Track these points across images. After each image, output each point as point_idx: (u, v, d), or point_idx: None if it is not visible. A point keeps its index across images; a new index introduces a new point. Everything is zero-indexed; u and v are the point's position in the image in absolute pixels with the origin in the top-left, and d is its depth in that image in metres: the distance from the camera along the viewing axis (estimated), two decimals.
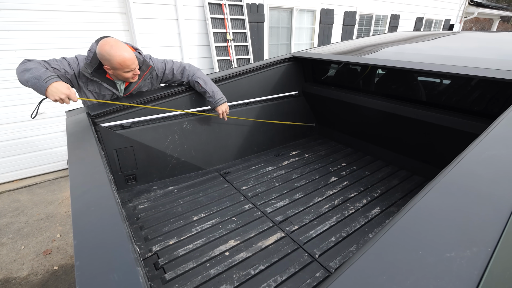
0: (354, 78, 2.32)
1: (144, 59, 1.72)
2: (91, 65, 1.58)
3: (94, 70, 1.59)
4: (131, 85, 1.79)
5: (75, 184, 0.86)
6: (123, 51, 1.52)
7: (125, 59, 1.51)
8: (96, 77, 1.61)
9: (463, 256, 0.48)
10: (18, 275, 2.16)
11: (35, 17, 2.96)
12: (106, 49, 1.49)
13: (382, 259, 0.50)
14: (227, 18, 4.07)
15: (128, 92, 1.80)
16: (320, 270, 1.23)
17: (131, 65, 1.55)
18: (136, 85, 1.79)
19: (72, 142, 1.18)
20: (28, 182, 3.40)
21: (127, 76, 1.60)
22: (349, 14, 5.86)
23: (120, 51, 1.50)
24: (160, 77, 1.87)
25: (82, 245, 0.63)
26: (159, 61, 1.83)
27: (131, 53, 1.56)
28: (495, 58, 1.58)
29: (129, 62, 1.54)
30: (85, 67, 1.57)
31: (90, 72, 1.58)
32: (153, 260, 1.29)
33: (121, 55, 1.50)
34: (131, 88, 1.79)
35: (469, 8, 8.98)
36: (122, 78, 1.63)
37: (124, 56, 1.51)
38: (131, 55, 1.55)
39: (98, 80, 1.63)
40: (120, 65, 1.52)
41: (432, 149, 1.92)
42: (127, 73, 1.59)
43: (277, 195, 1.79)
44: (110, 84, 1.69)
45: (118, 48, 1.50)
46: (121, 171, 1.80)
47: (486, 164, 0.70)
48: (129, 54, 1.54)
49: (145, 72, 1.76)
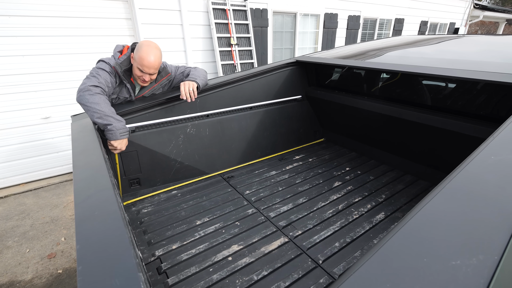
0: (358, 82, 2.32)
1: (164, 66, 1.82)
2: (121, 66, 1.64)
3: (123, 71, 1.66)
4: (145, 88, 1.83)
5: (79, 189, 0.86)
6: (152, 51, 1.59)
7: (147, 57, 1.57)
8: (124, 77, 1.68)
9: (469, 264, 0.47)
10: (23, 278, 2.17)
11: (42, 23, 3.02)
12: (144, 42, 1.61)
13: (386, 266, 0.49)
14: (231, 23, 4.10)
15: (141, 94, 1.85)
16: (324, 276, 1.21)
17: (146, 66, 1.59)
18: (151, 88, 1.84)
19: (76, 147, 1.19)
20: (34, 185, 3.44)
21: (137, 73, 1.65)
22: (353, 18, 5.86)
23: (149, 50, 1.58)
24: (171, 81, 1.93)
25: (85, 250, 0.63)
26: (172, 67, 1.93)
27: (157, 61, 1.61)
28: (501, 61, 1.56)
29: (146, 62, 1.58)
30: (117, 65, 1.64)
31: (121, 71, 1.64)
32: (156, 264, 1.29)
33: (146, 51, 1.57)
34: (145, 90, 1.84)
35: (474, 11, 8.93)
36: (134, 73, 1.67)
37: (148, 54, 1.57)
38: (154, 62, 1.60)
39: (125, 80, 1.69)
40: (140, 59, 1.58)
41: (437, 153, 1.90)
42: (139, 71, 1.63)
43: (280, 199, 1.78)
44: (132, 87, 1.75)
45: (150, 48, 1.59)
46: (125, 175, 1.81)
47: (493, 169, 0.69)
48: (154, 59, 1.59)
49: (163, 78, 1.84)
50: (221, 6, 3.99)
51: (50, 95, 3.23)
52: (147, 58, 1.57)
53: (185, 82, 1.74)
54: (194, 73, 1.87)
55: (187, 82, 1.74)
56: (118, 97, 1.75)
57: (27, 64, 3.03)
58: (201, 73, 1.90)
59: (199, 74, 1.86)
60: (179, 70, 1.93)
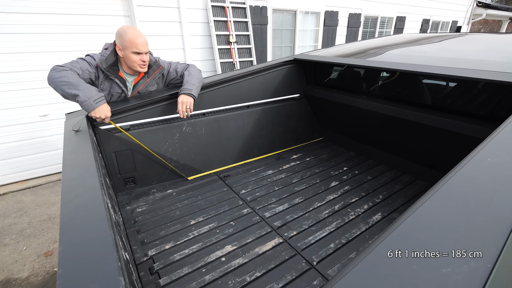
0: (357, 81, 2.29)
1: (155, 60, 1.82)
2: (106, 62, 1.63)
3: (109, 66, 1.65)
4: (139, 83, 1.81)
5: (66, 189, 0.85)
6: (138, 32, 1.61)
7: (137, 37, 1.59)
8: (111, 72, 1.66)
9: (459, 272, 0.45)
10: (19, 276, 2.16)
11: (40, 20, 3.00)
12: (125, 28, 1.61)
13: (373, 274, 0.47)
14: (230, 21, 4.07)
15: (136, 91, 1.82)
16: (318, 278, 1.20)
17: (139, 45, 1.60)
18: (145, 83, 1.82)
19: (68, 145, 1.18)
20: (32, 183, 3.43)
21: (134, 58, 1.63)
22: (354, 16, 5.82)
23: (135, 31, 1.60)
24: (165, 77, 1.91)
25: (67, 252, 0.61)
26: (165, 62, 1.91)
27: (144, 38, 1.63)
28: (504, 60, 1.53)
29: (139, 41, 1.60)
30: (101, 62, 1.62)
31: (106, 67, 1.63)
32: (149, 264, 1.28)
33: (134, 33, 1.59)
34: (139, 86, 1.81)
35: (477, 9, 8.85)
36: (130, 62, 1.65)
37: (136, 35, 1.59)
38: (143, 38, 1.63)
39: (112, 75, 1.66)
40: (130, 42, 1.58)
41: (436, 153, 1.87)
42: (134, 54, 1.62)
43: (276, 199, 1.76)
44: (122, 82, 1.73)
45: (134, 30, 1.61)
46: (120, 174, 1.80)
47: (488, 171, 0.67)
48: (142, 37, 1.62)
49: (155, 72, 1.83)
50: (220, 3, 3.96)
51: (48, 93, 3.21)
52: (138, 37, 1.59)
53: (183, 99, 1.70)
54: (189, 79, 1.79)
55: (185, 100, 1.70)
56: (110, 93, 1.72)
57: (24, 61, 3.02)
58: (197, 77, 1.82)
59: (194, 81, 1.78)
60: (172, 67, 1.90)
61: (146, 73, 1.80)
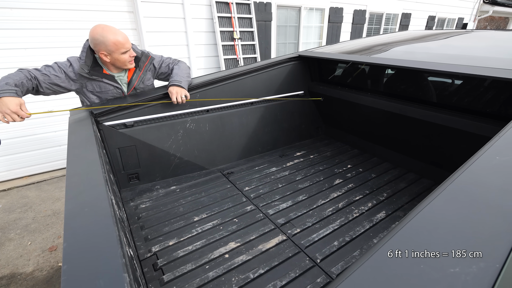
0: (362, 78, 2.27)
1: (142, 51, 1.79)
2: (86, 65, 1.59)
3: (91, 69, 1.61)
4: (133, 79, 1.79)
5: (70, 184, 0.85)
6: (116, 30, 1.56)
7: (119, 37, 1.55)
8: (95, 75, 1.63)
9: (468, 272, 0.45)
10: (24, 270, 2.19)
11: (44, 16, 3.00)
12: (98, 31, 1.52)
13: (381, 273, 0.46)
14: (234, 17, 4.05)
15: (132, 87, 1.81)
16: (321, 276, 1.19)
17: (125, 43, 1.57)
18: (138, 77, 1.80)
19: (72, 141, 1.18)
20: (37, 178, 3.46)
21: (124, 58, 1.60)
22: (359, 12, 5.76)
23: (113, 31, 1.55)
24: (157, 69, 1.90)
25: (71, 248, 0.61)
26: (156, 55, 1.90)
27: (123, 33, 1.59)
28: (510, 57, 1.51)
29: (123, 40, 1.56)
30: (81, 68, 1.58)
31: (88, 71, 1.59)
32: (152, 260, 1.28)
33: (114, 34, 1.54)
34: (134, 82, 1.80)
35: (483, 6, 8.71)
36: (120, 63, 1.63)
37: (117, 34, 1.55)
38: (123, 34, 1.59)
39: (97, 77, 1.64)
40: (115, 45, 1.54)
41: (442, 151, 1.85)
42: (124, 54, 1.59)
43: (280, 196, 1.76)
44: (110, 78, 1.70)
45: (110, 29, 1.55)
46: (123, 170, 1.80)
47: (497, 170, 0.66)
48: (121, 33, 1.58)
49: (145, 63, 1.80)
50: None
51: None
52: (119, 36, 1.55)
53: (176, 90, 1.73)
54: (178, 72, 1.82)
55: (178, 91, 1.73)
56: (104, 92, 1.71)
57: (29, 57, 3.02)
58: (186, 73, 1.85)
59: (183, 74, 1.81)
60: (165, 61, 1.90)
61: (137, 66, 1.78)
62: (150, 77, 1.89)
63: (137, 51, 1.76)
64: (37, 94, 1.59)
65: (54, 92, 1.62)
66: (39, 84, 1.53)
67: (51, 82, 1.56)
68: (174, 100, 1.73)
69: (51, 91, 1.60)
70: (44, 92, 1.58)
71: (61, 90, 1.63)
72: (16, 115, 1.36)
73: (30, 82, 1.49)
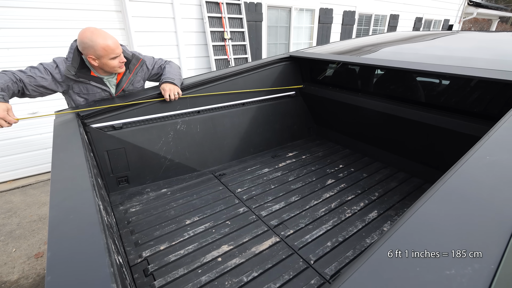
0: (353, 79, 2.28)
1: (133, 53, 1.75)
2: (73, 66, 1.54)
3: (78, 70, 1.55)
4: (122, 80, 1.75)
5: (55, 190, 0.82)
6: (106, 35, 1.51)
7: (109, 42, 1.49)
8: (82, 77, 1.58)
9: (463, 274, 0.44)
10: (8, 278, 2.11)
11: (29, 15, 2.91)
12: (87, 35, 1.46)
13: (376, 276, 0.46)
14: (225, 17, 4.02)
15: (121, 89, 1.76)
16: (315, 277, 1.19)
17: (115, 49, 1.52)
18: (128, 79, 1.76)
19: (57, 145, 1.14)
20: (22, 182, 3.35)
21: (113, 64, 1.55)
22: (348, 13, 5.82)
23: (103, 35, 1.49)
24: (150, 70, 1.86)
25: (56, 258, 0.58)
26: (147, 57, 1.86)
27: (114, 38, 1.54)
28: (494, 58, 1.54)
29: (113, 46, 1.51)
30: (68, 70, 1.53)
31: (74, 73, 1.54)
32: (143, 266, 1.25)
33: (104, 39, 1.48)
34: (123, 84, 1.75)
35: (468, 8, 8.95)
36: (109, 68, 1.58)
37: (106, 39, 1.49)
38: (113, 39, 1.53)
39: (85, 80, 1.59)
40: (105, 50, 1.49)
41: (431, 150, 1.88)
42: (113, 60, 1.54)
43: (272, 197, 1.75)
44: (98, 81, 1.65)
45: (99, 33, 1.49)
46: (112, 173, 1.76)
47: (488, 170, 0.66)
48: (111, 38, 1.52)
49: (135, 66, 1.76)
50: None
51: None
52: (109, 41, 1.50)
53: (170, 87, 1.73)
54: (170, 70, 1.82)
55: (172, 88, 1.73)
56: (91, 94, 1.66)
57: (12, 57, 2.93)
58: (177, 72, 1.85)
59: (175, 73, 1.82)
60: (157, 62, 1.88)
61: (127, 69, 1.74)
62: (140, 80, 1.85)
63: (127, 53, 1.72)
64: (23, 96, 1.53)
65: (41, 94, 1.57)
66: (25, 86, 1.48)
67: (37, 84, 1.51)
68: (167, 97, 1.72)
69: (37, 93, 1.55)
70: (30, 95, 1.53)
71: (47, 91, 1.59)
72: (3, 120, 1.32)
73: (16, 85, 1.43)
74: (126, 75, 1.75)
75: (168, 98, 1.74)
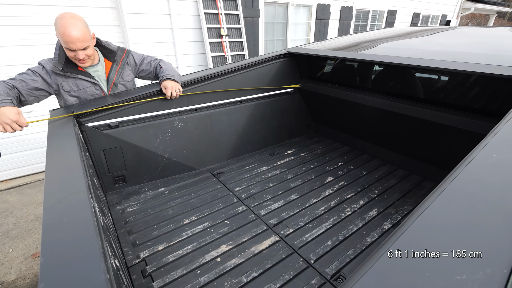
0: (351, 75, 2.26)
1: (118, 47, 1.74)
2: (59, 62, 1.53)
3: (64, 66, 1.54)
4: (111, 73, 1.73)
5: (49, 191, 0.79)
6: (69, 25, 1.37)
7: (67, 33, 1.37)
8: (69, 72, 1.56)
9: (475, 279, 0.43)
10: (6, 279, 2.08)
11: (21, 12, 2.85)
12: (57, 18, 1.40)
13: (384, 282, 0.44)
14: (221, 13, 3.98)
15: (112, 82, 1.73)
16: (316, 277, 1.17)
17: (70, 43, 1.40)
18: (116, 71, 1.74)
19: (51, 144, 1.11)
20: (18, 182, 3.32)
21: (70, 54, 1.49)
22: (346, 9, 5.78)
23: (65, 22, 1.37)
24: (138, 65, 1.84)
25: (49, 264, 0.56)
26: (138, 54, 1.85)
27: (79, 32, 1.40)
28: (493, 53, 1.52)
29: (68, 39, 1.39)
30: (54, 66, 1.52)
31: (61, 68, 1.53)
32: (141, 267, 1.23)
33: (63, 25, 1.37)
34: (113, 76, 1.73)
35: (466, 3, 8.93)
36: (69, 57, 1.52)
37: (65, 27, 1.37)
38: (76, 32, 1.39)
39: (72, 74, 1.57)
40: (61, 36, 1.40)
41: (430, 147, 1.87)
42: (69, 51, 1.47)
43: (271, 196, 1.73)
44: (85, 75, 1.63)
45: (66, 19, 1.38)
46: (109, 173, 1.73)
47: (495, 169, 0.65)
48: (74, 30, 1.38)
49: (122, 57, 1.75)
50: None
51: None
52: (68, 32, 1.37)
53: (172, 84, 1.71)
54: (168, 67, 1.81)
55: (174, 85, 1.72)
56: (82, 90, 1.63)
57: (6, 55, 2.88)
58: (173, 68, 1.85)
59: (172, 70, 1.81)
60: (147, 59, 1.86)
61: (113, 61, 1.73)
62: (130, 73, 1.82)
63: (112, 47, 1.71)
64: (20, 105, 1.53)
65: (36, 98, 1.57)
66: (20, 92, 1.48)
67: (29, 88, 1.50)
68: (168, 94, 1.71)
69: (33, 98, 1.55)
70: (26, 100, 1.53)
71: (42, 94, 1.58)
72: (16, 124, 1.33)
73: (13, 92, 1.43)
74: (114, 68, 1.73)
75: (169, 96, 1.73)
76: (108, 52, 1.71)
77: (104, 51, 1.71)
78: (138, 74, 1.89)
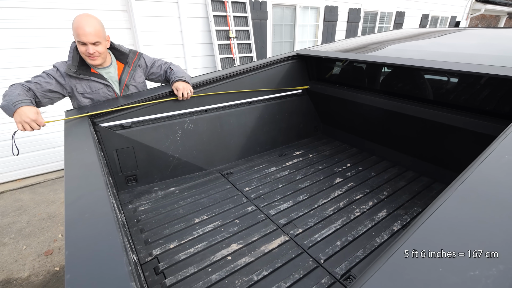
0: (360, 76, 2.27)
1: (130, 50, 1.80)
2: (73, 65, 1.58)
3: (78, 68, 1.59)
4: (123, 75, 1.77)
5: (69, 189, 0.82)
6: (84, 21, 1.47)
7: (80, 25, 1.45)
8: (82, 74, 1.61)
9: (488, 275, 0.44)
10: (20, 275, 2.14)
11: (37, 15, 2.94)
12: (76, 16, 1.49)
13: (398, 278, 0.45)
14: (230, 16, 4.02)
15: (124, 84, 1.78)
16: (326, 276, 1.18)
17: (82, 35, 1.47)
18: (128, 73, 1.78)
19: (69, 144, 1.15)
20: (31, 181, 3.40)
21: (81, 49, 1.55)
22: (354, 11, 5.77)
23: (81, 18, 1.47)
24: (149, 68, 1.89)
25: (74, 256, 0.59)
26: (148, 56, 1.92)
27: (92, 26, 1.49)
28: (504, 55, 1.51)
29: (81, 31, 1.46)
30: (68, 68, 1.57)
31: (75, 70, 1.58)
32: (153, 264, 1.26)
33: (78, 21, 1.46)
34: (125, 78, 1.78)
35: (475, 4, 8.81)
36: (81, 53, 1.58)
37: (81, 22, 1.46)
38: (90, 26, 1.48)
39: (85, 76, 1.62)
40: (75, 30, 1.48)
41: (440, 149, 1.86)
42: (81, 45, 1.53)
43: (280, 196, 1.74)
44: (98, 77, 1.67)
45: (81, 17, 1.48)
46: (121, 172, 1.77)
47: (507, 169, 0.65)
48: (88, 23, 1.47)
49: (133, 59, 1.80)
50: None
51: None
52: (82, 25, 1.46)
53: (183, 85, 1.76)
54: (179, 69, 1.87)
55: (185, 86, 1.77)
56: (95, 92, 1.68)
57: (21, 57, 2.96)
58: (183, 70, 1.90)
59: (183, 72, 1.86)
60: (157, 62, 1.92)
61: (126, 63, 1.78)
62: (141, 75, 1.87)
63: (124, 49, 1.78)
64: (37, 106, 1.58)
65: (51, 100, 1.62)
66: (35, 94, 1.53)
67: (44, 90, 1.56)
68: (180, 95, 1.76)
69: (47, 100, 1.60)
70: (41, 102, 1.58)
71: (56, 96, 1.63)
72: (35, 123, 1.39)
73: (29, 94, 1.50)
74: (126, 69, 1.78)
75: (181, 97, 1.77)
76: (120, 54, 1.76)
77: (117, 53, 1.76)
78: (148, 76, 1.93)
